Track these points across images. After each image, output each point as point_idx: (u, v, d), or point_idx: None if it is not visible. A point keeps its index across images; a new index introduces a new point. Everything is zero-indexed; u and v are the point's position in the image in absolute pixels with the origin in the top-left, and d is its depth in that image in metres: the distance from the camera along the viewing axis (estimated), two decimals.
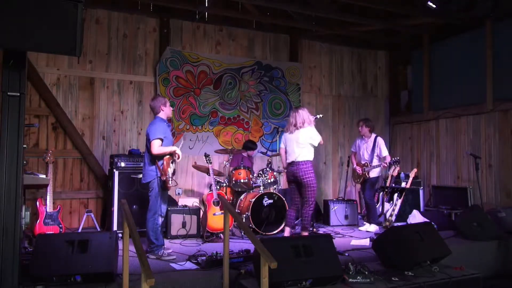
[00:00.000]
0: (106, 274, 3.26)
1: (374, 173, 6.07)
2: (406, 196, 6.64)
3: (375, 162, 6.05)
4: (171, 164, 4.40)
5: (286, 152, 5.13)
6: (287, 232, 5.11)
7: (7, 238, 2.84)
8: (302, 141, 4.92)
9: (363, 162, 6.18)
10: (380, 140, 6.14)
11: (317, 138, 4.98)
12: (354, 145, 6.49)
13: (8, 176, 2.88)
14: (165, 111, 4.57)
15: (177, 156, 4.42)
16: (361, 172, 6.12)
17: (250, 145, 6.52)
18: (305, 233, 4.99)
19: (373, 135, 6.21)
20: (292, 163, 5.00)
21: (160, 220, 4.43)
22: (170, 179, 4.38)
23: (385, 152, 6.05)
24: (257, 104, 7.40)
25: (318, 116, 5.28)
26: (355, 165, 6.29)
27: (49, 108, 6.02)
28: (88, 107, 6.31)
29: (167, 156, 4.39)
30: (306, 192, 4.92)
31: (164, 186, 4.38)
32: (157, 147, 4.30)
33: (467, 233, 5.10)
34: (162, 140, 4.35)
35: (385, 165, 5.95)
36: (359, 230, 6.00)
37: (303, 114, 5.00)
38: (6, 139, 2.87)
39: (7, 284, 2.82)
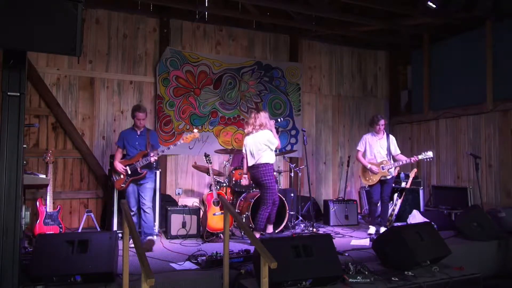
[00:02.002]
0: (106, 274, 3.26)
1: (393, 172, 5.83)
2: (406, 196, 6.65)
3: (392, 160, 5.76)
4: (115, 173, 4.97)
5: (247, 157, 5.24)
6: (269, 229, 5.25)
7: (7, 238, 2.84)
8: (261, 144, 5.04)
9: (379, 160, 5.68)
10: (393, 138, 5.92)
11: (274, 141, 5.08)
12: (362, 144, 5.89)
13: (8, 176, 2.87)
14: (134, 122, 5.06)
15: (118, 172, 4.91)
16: (378, 171, 5.60)
17: None
18: (257, 235, 4.97)
19: (385, 132, 5.87)
20: (253, 167, 5.15)
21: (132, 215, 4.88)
22: (115, 180, 4.93)
23: (398, 150, 5.85)
24: (257, 104, 7.39)
25: (279, 120, 5.57)
26: (369, 165, 5.67)
27: (49, 108, 6.02)
28: (88, 107, 6.31)
29: None
30: (264, 193, 5.07)
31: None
32: (115, 152, 5.08)
33: (467, 233, 5.10)
34: (118, 147, 5.06)
35: (417, 159, 5.64)
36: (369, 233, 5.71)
37: (262, 117, 5.11)
38: (6, 139, 2.87)
39: (7, 284, 2.82)
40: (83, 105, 6.28)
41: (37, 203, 4.93)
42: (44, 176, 4.31)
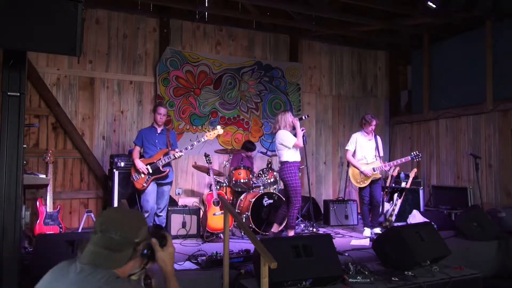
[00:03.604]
0: None
1: (391, 172, 5.82)
2: (406, 196, 6.63)
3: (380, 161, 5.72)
4: (135, 170, 4.91)
5: None
6: (274, 228, 5.23)
7: (7, 238, 2.84)
8: (278, 144, 5.17)
9: (370, 162, 5.60)
10: (380, 139, 5.88)
11: (289, 140, 5.04)
12: (352, 143, 5.74)
13: (8, 176, 2.87)
14: (154, 118, 5.04)
15: (140, 170, 4.84)
16: (371, 174, 5.50)
17: (249, 146, 6.52)
18: (291, 233, 5.08)
19: (373, 133, 5.79)
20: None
21: (147, 216, 4.79)
22: (136, 179, 4.85)
23: (382, 152, 5.81)
24: (257, 104, 7.40)
25: (303, 117, 5.42)
26: (362, 168, 5.52)
27: (49, 108, 6.02)
28: (88, 107, 6.31)
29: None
30: (288, 192, 5.10)
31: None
32: (133, 151, 4.99)
33: (467, 233, 5.09)
34: (136, 145, 5.00)
35: (408, 159, 5.64)
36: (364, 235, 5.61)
37: (281, 118, 5.16)
38: (6, 139, 2.86)
39: (7, 284, 2.82)
40: (83, 105, 6.28)
41: (37, 203, 4.92)
42: (44, 176, 4.32)
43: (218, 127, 5.11)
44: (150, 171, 4.82)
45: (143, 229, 1.62)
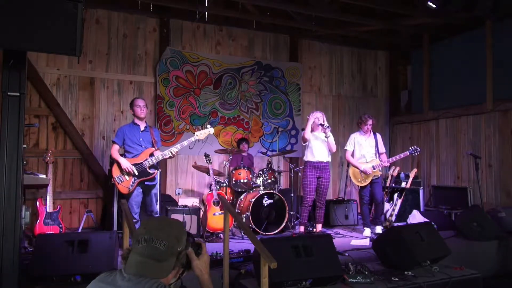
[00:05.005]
0: None
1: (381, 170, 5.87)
2: (406, 196, 6.63)
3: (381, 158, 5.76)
4: (120, 171, 4.50)
5: None
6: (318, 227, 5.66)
7: (7, 238, 2.84)
8: None
9: (369, 160, 5.66)
10: (380, 136, 5.92)
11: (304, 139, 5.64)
12: (350, 143, 5.84)
13: (8, 176, 2.87)
14: (134, 113, 4.66)
15: (126, 170, 4.42)
16: (371, 172, 5.57)
17: (239, 141, 6.73)
18: (301, 228, 5.52)
19: (371, 131, 5.84)
20: None
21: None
22: (120, 182, 4.47)
23: (384, 149, 5.87)
24: (257, 104, 7.40)
25: (325, 125, 5.55)
26: (362, 167, 5.60)
27: (49, 108, 6.02)
28: (88, 107, 6.31)
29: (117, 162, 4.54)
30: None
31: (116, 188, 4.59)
32: (112, 150, 4.60)
33: (467, 233, 5.09)
34: (115, 143, 4.59)
35: (406, 154, 5.68)
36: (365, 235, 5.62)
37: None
38: (6, 139, 2.86)
39: (7, 284, 2.82)
40: (83, 105, 6.28)
41: (37, 203, 4.93)
42: (44, 176, 4.31)
43: (209, 126, 4.76)
44: (136, 173, 4.42)
45: (184, 238, 1.64)
